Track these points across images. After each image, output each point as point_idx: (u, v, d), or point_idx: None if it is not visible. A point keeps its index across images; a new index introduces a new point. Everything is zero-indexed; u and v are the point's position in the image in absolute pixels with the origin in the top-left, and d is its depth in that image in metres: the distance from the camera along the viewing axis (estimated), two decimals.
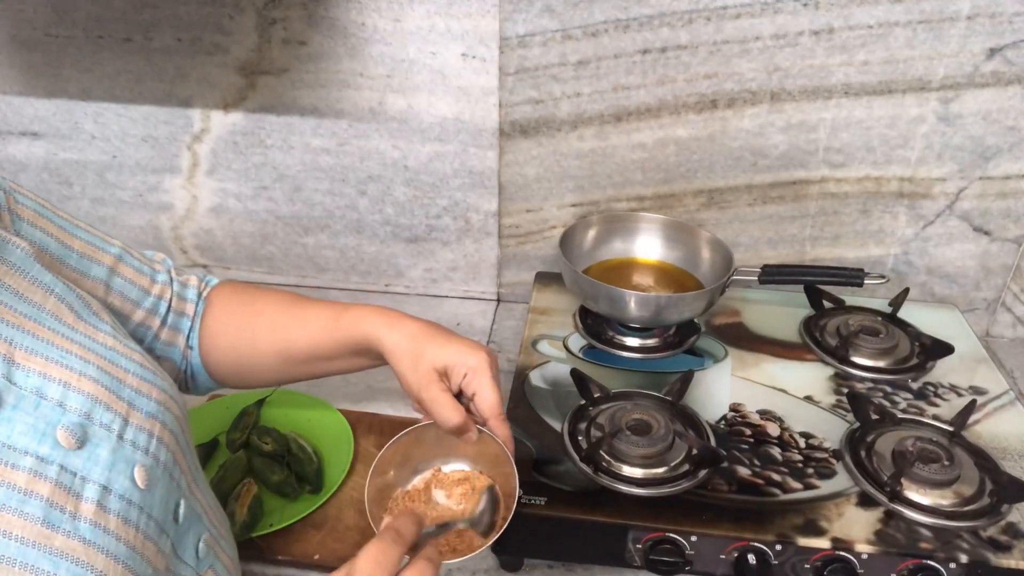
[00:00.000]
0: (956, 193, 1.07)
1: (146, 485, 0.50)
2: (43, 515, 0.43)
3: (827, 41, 0.98)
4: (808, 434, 0.87)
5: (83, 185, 1.21)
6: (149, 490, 0.50)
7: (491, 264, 1.21)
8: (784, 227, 1.12)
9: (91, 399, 0.49)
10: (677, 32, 0.99)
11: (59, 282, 0.56)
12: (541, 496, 0.77)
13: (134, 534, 0.48)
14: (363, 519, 0.83)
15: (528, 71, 1.04)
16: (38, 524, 0.43)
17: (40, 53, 1.10)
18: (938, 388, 0.95)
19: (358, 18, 1.02)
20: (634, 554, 0.77)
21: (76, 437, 0.47)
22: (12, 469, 0.44)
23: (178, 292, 0.73)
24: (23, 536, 0.42)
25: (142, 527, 0.49)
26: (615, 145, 1.08)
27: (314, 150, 1.13)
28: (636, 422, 0.84)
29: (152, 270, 0.71)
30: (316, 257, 1.24)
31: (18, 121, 1.16)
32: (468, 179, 1.13)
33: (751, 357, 1.00)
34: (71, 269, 0.62)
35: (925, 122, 1.03)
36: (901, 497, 0.77)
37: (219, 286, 0.78)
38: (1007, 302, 1.15)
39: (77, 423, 0.48)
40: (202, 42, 1.07)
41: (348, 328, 0.71)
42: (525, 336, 1.03)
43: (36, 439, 0.46)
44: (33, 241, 0.59)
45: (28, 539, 0.42)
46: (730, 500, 0.78)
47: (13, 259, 0.54)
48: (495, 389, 0.66)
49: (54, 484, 0.45)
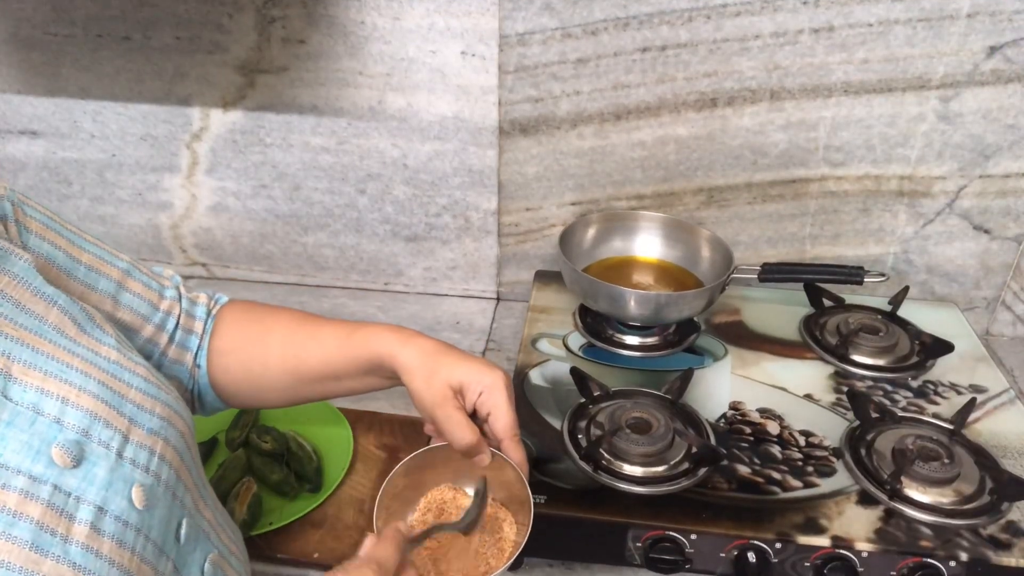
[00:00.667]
0: (956, 191, 1.07)
1: (144, 505, 0.48)
2: (32, 539, 0.42)
3: (827, 39, 0.98)
4: (808, 432, 0.87)
5: (82, 184, 1.21)
6: (148, 510, 0.49)
7: (491, 263, 1.21)
8: (784, 226, 1.12)
9: (90, 415, 0.48)
10: (677, 30, 0.99)
11: (63, 295, 0.55)
12: (541, 494, 0.77)
13: (129, 557, 0.46)
14: (362, 518, 0.83)
15: (528, 69, 1.04)
16: (26, 548, 0.41)
17: (39, 52, 1.10)
18: (938, 386, 0.95)
19: (357, 16, 1.02)
20: (634, 552, 0.77)
21: (72, 455, 0.46)
22: (3, 489, 0.42)
23: (187, 309, 0.72)
24: (9, 562, 0.40)
25: (139, 550, 0.47)
26: (615, 143, 1.08)
27: (313, 149, 1.13)
28: (636, 420, 0.84)
29: (160, 286, 0.70)
30: (315, 256, 1.24)
31: (17, 120, 1.16)
32: (468, 177, 1.13)
33: (751, 355, 1.00)
34: (79, 282, 0.61)
35: (925, 120, 1.02)
36: (901, 495, 0.77)
37: (229, 304, 0.76)
38: (1007, 300, 1.15)
39: (73, 440, 0.46)
40: (201, 41, 1.06)
41: (361, 346, 0.69)
42: (525, 335, 1.03)
43: (30, 457, 0.44)
44: (40, 253, 0.58)
45: (15, 564, 0.41)
46: (730, 498, 0.78)
47: (16, 271, 0.53)
48: (511, 409, 0.65)
49: (46, 505, 0.43)
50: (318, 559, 0.79)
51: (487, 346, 1.13)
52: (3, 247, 0.53)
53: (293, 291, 1.25)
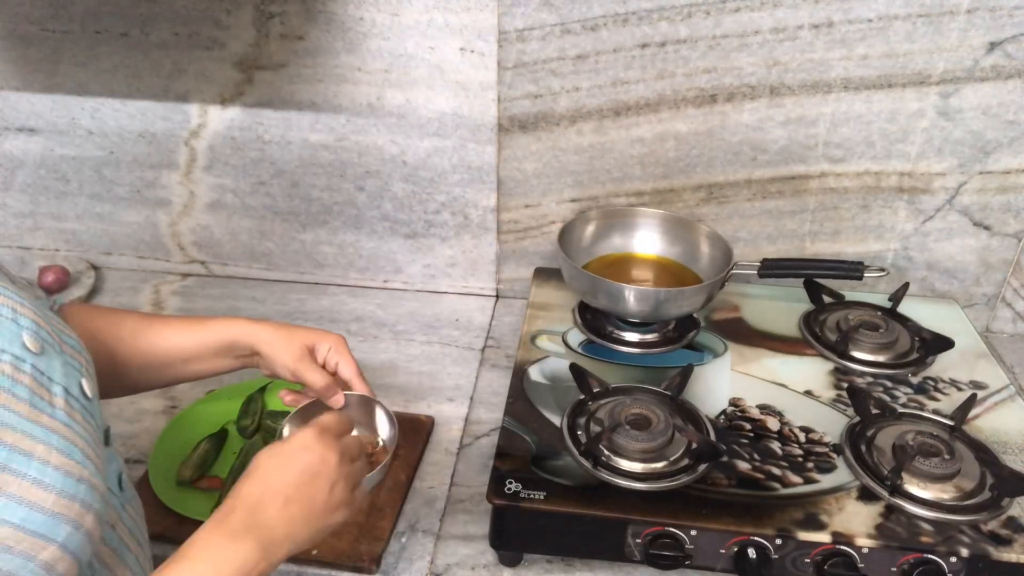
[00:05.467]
0: (956, 188, 1.07)
1: (93, 394, 0.57)
2: (29, 399, 0.50)
3: (826, 35, 0.98)
4: (808, 428, 0.86)
5: (80, 181, 1.20)
6: (93, 401, 0.57)
7: (490, 260, 1.21)
8: (783, 222, 1.12)
9: (33, 322, 0.54)
10: (676, 26, 0.99)
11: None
12: (540, 491, 0.77)
13: (93, 432, 0.55)
14: (361, 516, 0.83)
15: (527, 65, 1.03)
16: (27, 405, 0.49)
17: (37, 48, 1.10)
18: (938, 383, 0.95)
19: (356, 12, 1.02)
20: (634, 548, 0.76)
21: (38, 342, 0.53)
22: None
23: None
24: (19, 410, 0.48)
25: (93, 431, 0.55)
26: (614, 140, 1.08)
27: (312, 145, 1.13)
28: (635, 417, 0.83)
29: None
30: (314, 253, 1.24)
31: (15, 117, 1.16)
32: (467, 174, 1.13)
33: (751, 352, 1.00)
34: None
35: (925, 116, 1.02)
36: (901, 491, 0.77)
37: (70, 304, 0.79)
38: (1007, 297, 1.15)
39: (34, 331, 0.53)
40: (199, 37, 1.06)
41: (215, 332, 0.77)
42: (524, 331, 1.03)
43: (9, 341, 0.51)
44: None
45: (23, 413, 0.49)
46: (730, 494, 0.77)
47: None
48: (352, 358, 0.79)
49: (32, 378, 0.51)
50: (317, 556, 0.79)
51: (486, 343, 1.13)
52: None
53: (291, 288, 1.25)
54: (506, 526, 0.79)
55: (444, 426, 0.97)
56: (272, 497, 0.58)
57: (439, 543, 0.82)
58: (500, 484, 0.78)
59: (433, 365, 1.08)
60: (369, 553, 0.79)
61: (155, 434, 0.92)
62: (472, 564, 0.80)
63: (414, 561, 0.80)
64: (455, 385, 1.04)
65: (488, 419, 0.98)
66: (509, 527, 0.79)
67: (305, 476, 0.59)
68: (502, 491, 0.77)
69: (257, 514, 0.57)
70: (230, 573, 0.53)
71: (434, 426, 0.96)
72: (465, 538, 0.83)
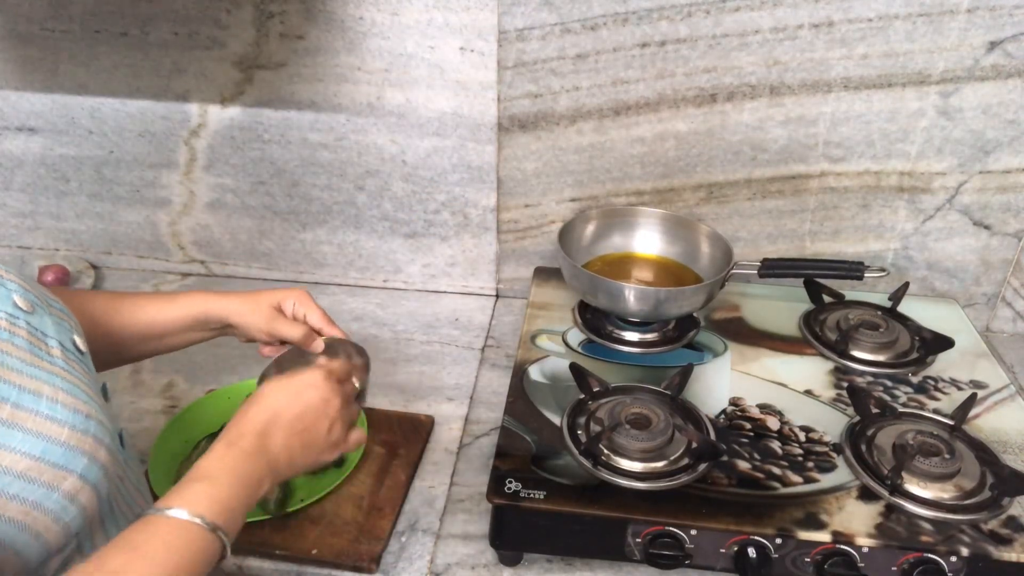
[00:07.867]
0: (956, 187, 1.07)
1: (85, 351, 0.59)
2: (27, 347, 0.52)
3: (826, 34, 0.98)
4: (808, 428, 0.86)
5: (80, 181, 1.20)
6: (86, 357, 0.59)
7: (490, 259, 1.21)
8: (784, 222, 1.12)
9: (20, 287, 0.57)
10: (676, 26, 0.99)
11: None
12: (540, 490, 0.77)
13: (93, 384, 0.57)
14: (360, 514, 0.83)
15: (526, 65, 1.03)
16: (27, 353, 0.52)
17: (36, 47, 1.10)
18: (938, 382, 0.95)
19: (356, 12, 1.02)
20: (634, 548, 0.76)
21: (28, 302, 0.55)
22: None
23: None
24: (20, 357, 0.51)
25: (93, 384, 0.57)
26: (614, 139, 1.08)
27: (312, 145, 1.13)
28: (635, 416, 0.83)
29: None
30: (314, 253, 1.24)
31: (14, 116, 1.15)
32: (466, 174, 1.13)
33: (751, 351, 1.00)
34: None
35: (925, 116, 1.02)
36: (902, 490, 0.77)
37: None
38: (1007, 297, 1.15)
39: (22, 293, 0.56)
40: (199, 36, 1.06)
41: (187, 307, 0.79)
42: (524, 331, 1.03)
43: (1, 301, 0.53)
44: None
45: (24, 360, 0.51)
46: (730, 494, 0.77)
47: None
48: (318, 306, 0.82)
49: (27, 332, 0.53)
50: (316, 555, 0.79)
51: (486, 342, 1.13)
52: None
53: None
54: (506, 525, 0.79)
55: (444, 426, 0.97)
56: (278, 427, 0.62)
57: (439, 543, 0.82)
58: (500, 483, 0.78)
59: (433, 365, 1.08)
60: (369, 553, 0.79)
61: (155, 434, 0.92)
62: (472, 564, 0.80)
63: (414, 560, 0.80)
64: (455, 385, 1.04)
65: (488, 419, 0.98)
66: (509, 526, 0.79)
67: (309, 413, 0.64)
68: (502, 490, 0.77)
69: (264, 439, 0.61)
70: (247, 487, 0.58)
71: (434, 426, 0.96)
72: (465, 538, 0.83)
